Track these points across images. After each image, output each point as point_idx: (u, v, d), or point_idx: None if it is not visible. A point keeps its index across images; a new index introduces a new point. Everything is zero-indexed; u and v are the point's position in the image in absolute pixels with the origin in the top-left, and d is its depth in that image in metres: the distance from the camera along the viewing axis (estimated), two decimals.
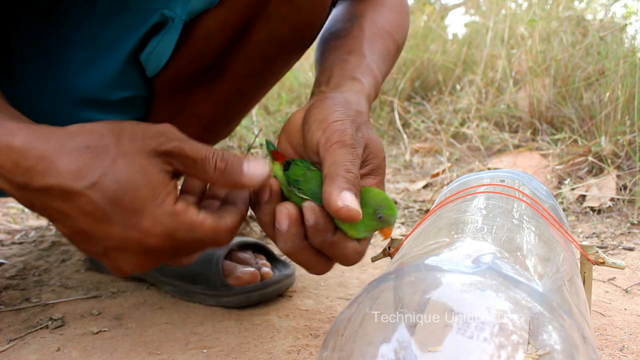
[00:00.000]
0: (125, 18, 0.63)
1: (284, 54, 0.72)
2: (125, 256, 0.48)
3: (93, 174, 0.44)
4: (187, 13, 0.62)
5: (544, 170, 1.42)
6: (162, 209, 0.45)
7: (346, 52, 0.65)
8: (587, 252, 0.60)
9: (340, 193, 0.48)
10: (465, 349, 0.34)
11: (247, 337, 0.69)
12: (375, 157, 0.54)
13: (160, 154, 0.47)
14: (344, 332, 0.39)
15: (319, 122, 0.53)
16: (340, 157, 0.50)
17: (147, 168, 0.46)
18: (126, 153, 0.46)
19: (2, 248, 1.11)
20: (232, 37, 0.66)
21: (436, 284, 0.38)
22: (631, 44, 1.68)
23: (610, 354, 0.62)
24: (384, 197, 0.51)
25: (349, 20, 0.70)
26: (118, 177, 0.44)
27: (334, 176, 0.49)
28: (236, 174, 0.48)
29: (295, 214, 0.50)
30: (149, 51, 0.65)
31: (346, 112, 0.53)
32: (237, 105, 0.79)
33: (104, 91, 0.67)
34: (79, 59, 0.65)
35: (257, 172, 0.48)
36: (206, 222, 0.47)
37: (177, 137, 0.48)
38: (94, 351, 0.67)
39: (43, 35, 0.65)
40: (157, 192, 0.46)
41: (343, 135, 0.51)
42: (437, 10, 3.00)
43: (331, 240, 0.51)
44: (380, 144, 0.55)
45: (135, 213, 0.45)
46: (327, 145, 0.51)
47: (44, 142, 0.45)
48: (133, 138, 0.47)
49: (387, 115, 2.27)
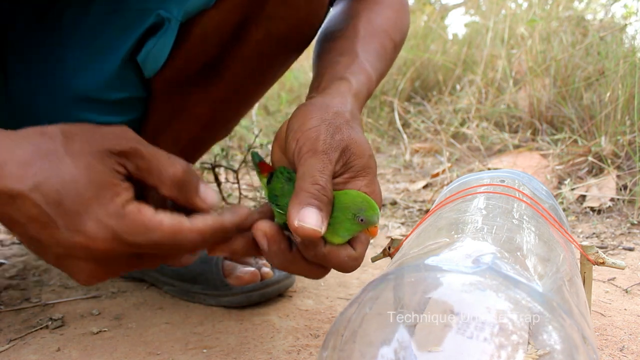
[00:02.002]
0: (122, 19, 0.63)
1: (282, 54, 0.72)
2: (77, 264, 0.44)
3: (37, 175, 0.41)
4: (183, 13, 0.62)
5: (544, 170, 1.42)
6: (106, 209, 0.42)
7: (338, 53, 0.64)
8: (587, 252, 0.60)
9: (300, 211, 0.46)
10: (465, 349, 0.34)
11: (247, 337, 0.69)
12: (358, 158, 0.52)
13: (113, 154, 0.44)
14: (344, 332, 0.39)
15: (294, 131, 0.52)
16: (309, 167, 0.48)
17: (93, 166, 0.42)
18: (74, 153, 0.43)
19: (2, 248, 1.11)
20: (229, 37, 0.66)
21: (436, 284, 0.38)
22: (631, 44, 1.68)
23: (610, 354, 0.62)
24: (362, 198, 0.49)
25: (345, 21, 0.69)
26: (62, 177, 0.41)
27: (298, 191, 0.48)
28: (191, 191, 0.46)
29: (271, 232, 0.49)
30: (146, 52, 0.65)
31: (322, 116, 0.52)
32: (235, 105, 0.79)
33: (101, 92, 0.67)
34: (76, 60, 0.65)
35: (210, 198, 0.47)
36: (164, 222, 0.42)
37: (134, 138, 0.46)
38: (94, 351, 0.67)
39: (40, 35, 0.65)
40: (103, 192, 0.42)
41: (315, 143, 0.50)
42: (437, 10, 3.00)
43: (322, 252, 0.49)
44: (365, 142, 0.53)
45: (78, 215, 0.41)
46: (299, 156, 0.50)
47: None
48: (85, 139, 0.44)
49: (387, 115, 2.27)
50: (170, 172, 0.45)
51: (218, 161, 1.39)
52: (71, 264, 0.44)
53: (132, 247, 0.43)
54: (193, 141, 0.79)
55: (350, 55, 0.63)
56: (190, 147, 0.79)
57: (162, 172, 0.45)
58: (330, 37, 0.68)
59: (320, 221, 0.46)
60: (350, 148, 0.51)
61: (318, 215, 0.46)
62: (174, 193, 0.46)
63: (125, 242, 0.42)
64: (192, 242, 0.44)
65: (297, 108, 0.55)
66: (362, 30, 0.67)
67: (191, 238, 0.43)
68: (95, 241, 0.42)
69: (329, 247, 0.49)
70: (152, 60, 0.66)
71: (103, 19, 0.64)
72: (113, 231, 0.42)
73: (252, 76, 0.73)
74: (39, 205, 0.41)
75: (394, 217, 1.32)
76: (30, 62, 0.66)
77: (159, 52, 0.65)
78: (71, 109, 0.67)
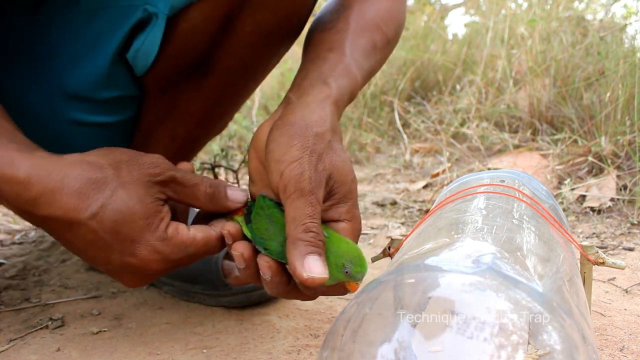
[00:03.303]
0: (109, 15, 0.63)
1: (272, 45, 0.72)
2: (125, 276, 0.53)
3: (94, 205, 0.48)
4: (169, 8, 0.62)
5: (544, 170, 1.42)
6: (155, 235, 0.50)
7: (327, 48, 0.63)
8: (587, 252, 0.60)
9: (304, 261, 0.47)
10: (465, 349, 0.34)
11: (247, 337, 0.69)
12: (341, 185, 0.53)
13: (156, 184, 0.51)
14: (344, 332, 0.39)
15: (276, 162, 0.51)
16: (299, 211, 0.49)
17: (143, 198, 0.50)
18: (125, 184, 0.49)
19: (2, 248, 1.11)
20: (218, 30, 0.66)
21: (436, 284, 0.38)
22: (631, 44, 1.68)
23: (610, 354, 0.62)
24: (354, 251, 0.50)
25: (337, 12, 0.68)
26: (117, 207, 0.48)
27: (294, 240, 0.48)
28: (221, 198, 0.55)
29: (275, 266, 0.51)
30: (136, 49, 0.65)
31: (303, 143, 0.51)
32: (228, 100, 0.78)
33: (92, 90, 0.67)
34: (64, 57, 0.66)
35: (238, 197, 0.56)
36: (197, 237, 0.52)
37: (170, 167, 0.53)
38: (94, 351, 0.67)
39: (28, 34, 0.65)
40: (152, 220, 0.50)
41: (300, 181, 0.50)
42: (437, 10, 3.00)
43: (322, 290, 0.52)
44: (346, 165, 0.53)
45: (133, 242, 0.49)
46: (286, 195, 0.50)
47: (46, 175, 0.47)
48: (130, 169, 0.50)
49: (387, 115, 2.27)
50: (202, 191, 0.54)
51: (218, 161, 1.39)
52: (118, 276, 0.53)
53: (175, 262, 0.52)
54: (189, 138, 0.79)
55: (337, 53, 0.62)
56: (186, 144, 0.79)
57: (196, 192, 0.54)
58: (322, 27, 0.67)
59: (324, 267, 0.48)
60: (333, 176, 0.52)
61: (320, 262, 0.48)
62: (208, 206, 0.55)
63: (170, 261, 0.51)
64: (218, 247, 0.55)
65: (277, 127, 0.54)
66: (353, 24, 0.66)
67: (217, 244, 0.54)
68: (149, 263, 0.50)
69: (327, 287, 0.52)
70: (142, 57, 0.66)
71: (90, 16, 0.64)
72: (162, 254, 0.50)
73: (244, 69, 0.73)
74: (97, 232, 0.48)
75: (394, 217, 1.32)
76: (21, 60, 0.66)
77: (148, 49, 0.65)
78: (62, 107, 0.68)
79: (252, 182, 0.59)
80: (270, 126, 0.55)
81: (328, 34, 0.65)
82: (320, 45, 0.64)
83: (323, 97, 0.57)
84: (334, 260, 0.49)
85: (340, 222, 0.53)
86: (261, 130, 0.57)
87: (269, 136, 0.54)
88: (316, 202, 0.50)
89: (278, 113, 0.57)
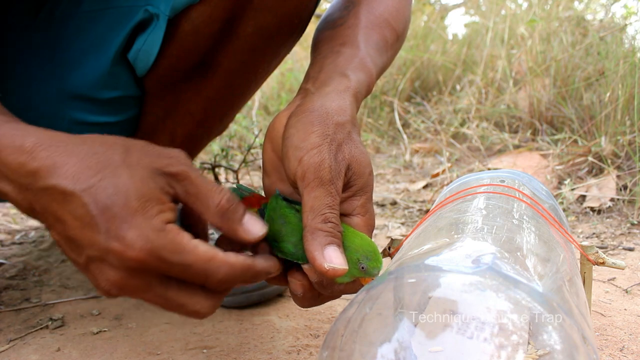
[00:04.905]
0: (110, 16, 0.63)
1: (273, 46, 0.71)
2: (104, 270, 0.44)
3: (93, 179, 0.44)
4: (170, 9, 0.62)
5: (544, 170, 1.42)
6: (149, 222, 0.43)
7: (340, 43, 0.62)
8: (587, 252, 0.60)
9: (324, 251, 0.46)
10: (465, 349, 0.34)
11: (247, 337, 0.69)
12: (359, 177, 0.51)
13: (166, 174, 0.46)
14: (344, 332, 0.39)
15: (295, 148, 0.50)
16: (317, 201, 0.48)
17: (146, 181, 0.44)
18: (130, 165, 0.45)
19: (2, 248, 1.11)
20: (219, 31, 0.66)
21: (436, 284, 0.38)
22: (631, 44, 1.68)
23: (610, 354, 0.62)
24: (369, 246, 0.49)
25: (346, 9, 0.67)
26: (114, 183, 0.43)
27: (313, 230, 0.47)
28: (235, 221, 0.46)
29: (307, 283, 0.51)
30: (137, 50, 0.65)
31: (323, 131, 0.50)
32: (229, 100, 0.78)
33: (94, 90, 0.67)
34: (66, 59, 0.66)
35: (253, 229, 0.47)
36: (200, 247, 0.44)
37: (187, 163, 0.47)
38: (94, 351, 0.67)
39: (31, 35, 0.65)
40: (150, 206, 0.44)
41: (320, 170, 0.48)
42: (437, 10, 3.00)
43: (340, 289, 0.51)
44: (365, 157, 0.52)
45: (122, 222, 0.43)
46: (305, 183, 0.48)
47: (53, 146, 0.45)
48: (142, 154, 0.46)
49: (387, 115, 2.27)
50: (216, 200, 0.46)
51: (218, 161, 1.39)
52: (98, 269, 0.45)
53: (164, 264, 0.43)
54: (189, 138, 0.79)
55: (352, 48, 0.61)
56: (186, 145, 0.79)
57: (208, 199, 0.46)
58: (332, 25, 0.66)
59: (344, 259, 0.47)
60: (352, 168, 0.51)
61: (340, 253, 0.47)
62: (217, 220, 0.47)
63: (159, 257, 0.43)
64: (221, 274, 0.44)
65: (298, 108, 0.53)
66: (364, 19, 0.65)
67: (222, 269, 0.44)
68: (132, 249, 0.42)
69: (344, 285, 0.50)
70: (143, 58, 0.66)
71: (92, 17, 0.64)
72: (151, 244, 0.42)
73: (245, 70, 0.73)
74: (87, 206, 0.43)
75: (394, 217, 1.32)
76: (23, 60, 0.67)
77: (149, 49, 0.65)
78: (64, 107, 0.68)
79: (266, 173, 0.57)
80: (287, 115, 0.54)
81: (339, 30, 0.64)
82: (333, 41, 0.63)
83: (343, 88, 0.55)
84: (348, 255, 0.48)
85: (353, 216, 0.52)
86: (278, 120, 0.56)
87: (287, 123, 0.53)
88: (335, 193, 0.48)
89: (295, 103, 0.56)
